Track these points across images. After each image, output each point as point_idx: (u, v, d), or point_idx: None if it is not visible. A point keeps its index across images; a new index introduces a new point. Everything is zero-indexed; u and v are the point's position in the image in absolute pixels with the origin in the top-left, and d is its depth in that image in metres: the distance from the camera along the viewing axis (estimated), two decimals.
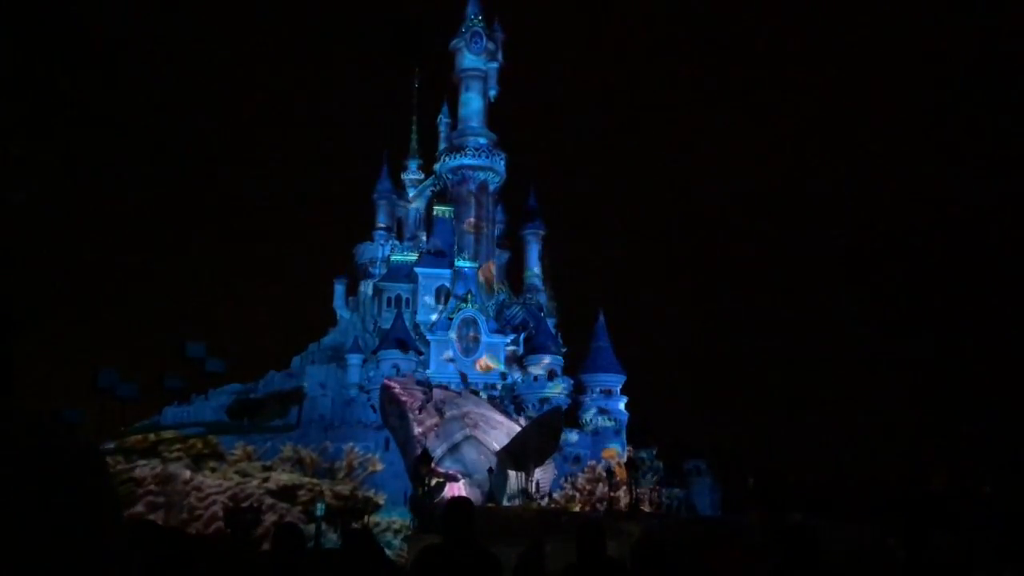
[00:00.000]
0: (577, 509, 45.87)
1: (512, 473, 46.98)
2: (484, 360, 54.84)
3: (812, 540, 5.06)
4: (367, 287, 65.21)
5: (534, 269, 65.65)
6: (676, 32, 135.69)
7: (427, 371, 54.18)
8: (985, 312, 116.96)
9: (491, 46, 63.78)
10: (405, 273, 59.95)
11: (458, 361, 54.99)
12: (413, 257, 60.90)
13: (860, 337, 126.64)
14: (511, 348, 56.75)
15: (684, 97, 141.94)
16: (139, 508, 31.92)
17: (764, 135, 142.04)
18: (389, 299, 60.08)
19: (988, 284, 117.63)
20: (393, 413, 48.24)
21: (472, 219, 61.40)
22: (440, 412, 47.37)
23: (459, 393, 51.06)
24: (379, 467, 45.48)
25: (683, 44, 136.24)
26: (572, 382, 56.78)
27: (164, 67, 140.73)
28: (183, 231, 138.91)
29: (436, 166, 64.55)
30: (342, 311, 67.66)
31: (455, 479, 44.32)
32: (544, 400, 54.31)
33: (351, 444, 47.25)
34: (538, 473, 47.69)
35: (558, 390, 55.47)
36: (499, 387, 55.19)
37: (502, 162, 62.77)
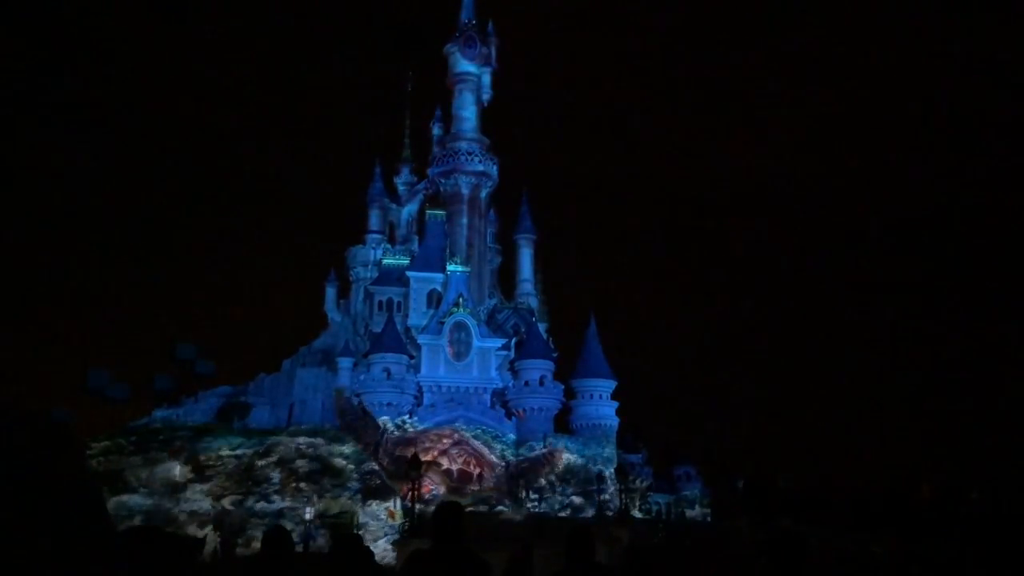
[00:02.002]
0: (566, 514, 45.89)
1: None
2: None
3: (800, 547, 5.09)
4: (358, 290, 65.05)
5: (526, 274, 65.61)
6: (670, 37, 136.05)
7: (418, 375, 54.08)
8: (976, 321, 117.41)
9: (485, 51, 63.74)
10: (397, 277, 59.81)
11: (449, 366, 54.90)
12: (405, 261, 60.75)
13: (850, 345, 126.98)
14: (502, 353, 56.68)
15: (678, 103, 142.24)
16: None
17: (756, 142, 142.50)
18: (380, 303, 59.91)
19: (981, 293, 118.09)
20: None
21: (464, 223, 61.32)
22: None
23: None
24: None
25: (677, 49, 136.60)
26: (563, 387, 56.73)
27: (158, 69, 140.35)
28: (175, 232, 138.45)
29: (429, 170, 64.44)
30: (333, 314, 67.50)
31: None
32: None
33: None
34: None
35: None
36: (489, 392, 55.10)
37: (495, 167, 62.73)
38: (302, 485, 44.80)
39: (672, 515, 54.59)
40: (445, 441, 49.14)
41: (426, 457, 47.05)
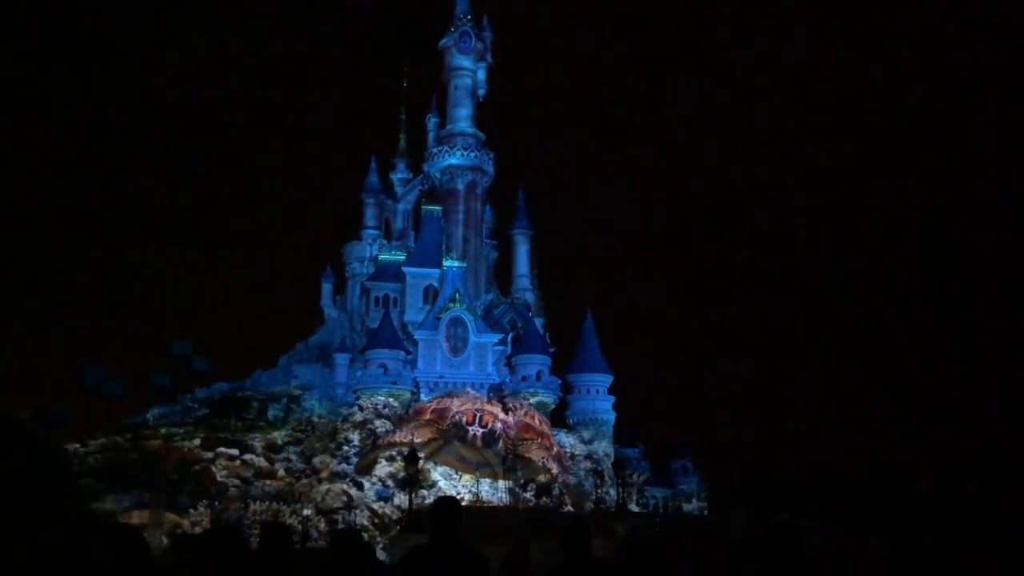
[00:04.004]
0: (564, 509, 45.93)
1: None
2: None
3: (797, 540, 5.10)
4: (355, 286, 65.03)
5: (522, 269, 65.60)
6: (668, 30, 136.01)
7: (415, 371, 54.10)
8: (970, 313, 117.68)
9: (480, 46, 63.64)
10: (393, 272, 59.78)
11: (446, 361, 54.89)
12: (401, 257, 60.73)
13: (845, 338, 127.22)
14: (499, 348, 56.70)
15: (674, 97, 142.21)
16: None
17: (755, 134, 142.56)
18: (377, 298, 59.90)
19: (975, 285, 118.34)
20: None
21: (460, 219, 61.29)
22: None
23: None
24: None
25: (674, 43, 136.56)
26: (560, 382, 56.81)
27: (151, 66, 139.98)
28: (170, 229, 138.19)
29: (424, 166, 64.37)
30: (330, 310, 67.52)
31: None
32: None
33: None
34: None
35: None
36: (486, 387, 55.12)
37: (491, 162, 62.66)
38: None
39: (669, 509, 54.74)
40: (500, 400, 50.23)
41: (467, 407, 48.13)
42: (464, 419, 47.23)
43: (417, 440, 45.00)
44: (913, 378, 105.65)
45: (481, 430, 46.80)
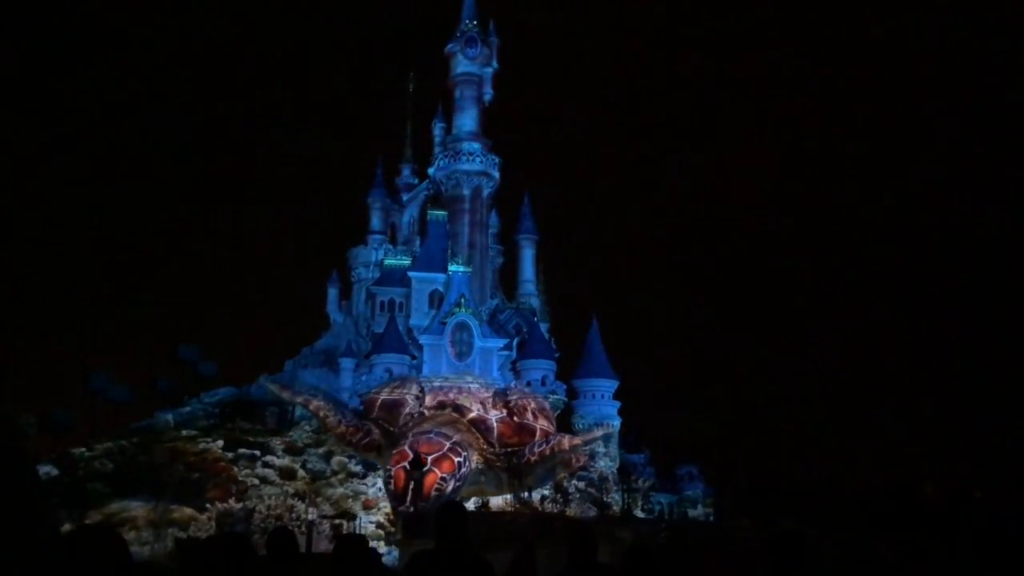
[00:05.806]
0: (570, 514, 45.87)
1: None
2: None
3: (802, 546, 5.09)
4: (360, 291, 65.14)
5: (528, 274, 65.64)
6: (673, 37, 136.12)
7: (420, 375, 54.11)
8: (978, 320, 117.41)
9: (486, 51, 63.69)
10: (398, 277, 59.88)
11: (451, 366, 54.88)
12: (407, 261, 60.83)
13: (852, 344, 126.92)
14: (504, 353, 56.70)
15: (680, 103, 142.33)
16: None
17: (760, 140, 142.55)
18: (382, 303, 60.00)
19: (980, 292, 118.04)
20: None
21: (466, 224, 61.32)
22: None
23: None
24: None
25: (680, 50, 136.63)
26: (565, 387, 56.77)
27: (158, 67, 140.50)
28: (177, 233, 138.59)
29: (430, 171, 64.45)
30: (335, 315, 67.64)
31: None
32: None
33: None
34: None
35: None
36: (491, 392, 55.11)
37: (496, 167, 62.68)
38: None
39: (675, 515, 54.68)
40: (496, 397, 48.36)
41: (463, 403, 46.99)
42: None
43: (356, 436, 44.12)
44: (920, 385, 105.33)
45: (435, 493, 36.04)
